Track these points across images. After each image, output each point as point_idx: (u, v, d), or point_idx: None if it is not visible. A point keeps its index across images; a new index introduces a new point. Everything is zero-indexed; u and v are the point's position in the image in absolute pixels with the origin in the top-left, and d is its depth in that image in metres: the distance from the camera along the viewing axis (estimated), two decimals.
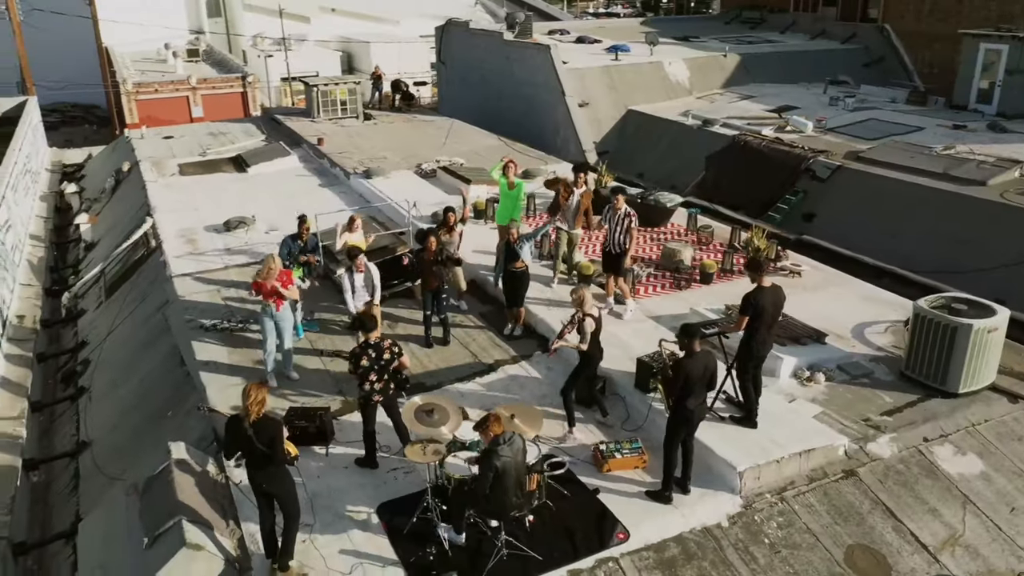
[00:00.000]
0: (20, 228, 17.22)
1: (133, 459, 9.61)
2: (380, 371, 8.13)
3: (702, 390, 7.59)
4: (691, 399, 7.50)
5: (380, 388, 8.17)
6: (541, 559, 7.07)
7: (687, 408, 7.52)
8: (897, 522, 7.83)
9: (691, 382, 7.43)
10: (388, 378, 8.21)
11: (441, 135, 23.77)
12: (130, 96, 41.17)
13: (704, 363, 7.54)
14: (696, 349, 7.50)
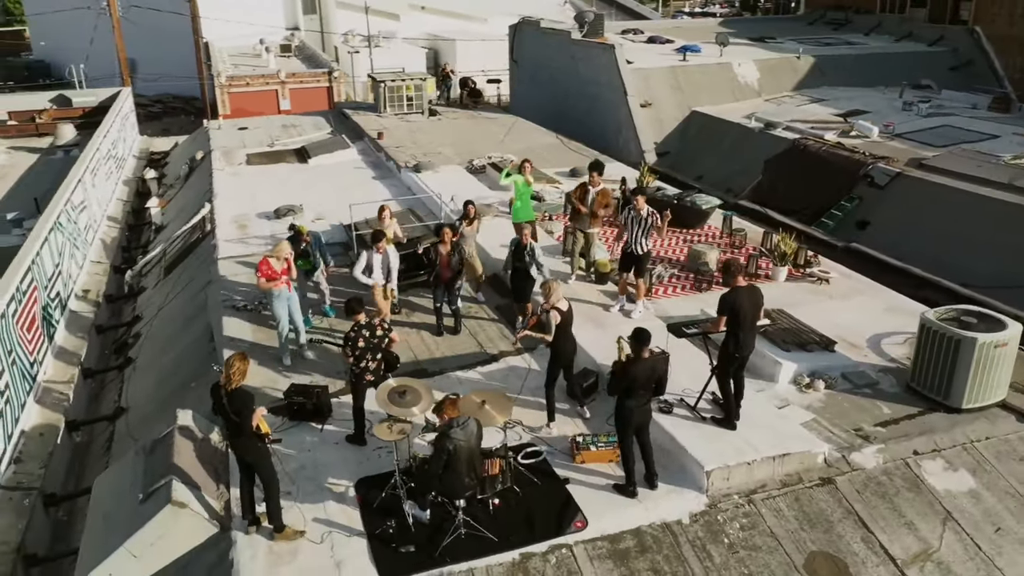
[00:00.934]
0: (96, 209, 18.55)
1: (156, 425, 10.36)
2: (374, 350, 8.57)
3: (646, 393, 7.69)
4: (632, 400, 7.62)
5: (373, 368, 8.61)
6: (496, 540, 7.35)
7: (626, 408, 7.65)
8: (868, 533, 7.72)
9: (635, 385, 7.56)
10: (380, 357, 8.64)
11: (501, 132, 24.17)
12: (223, 89, 43.31)
13: (651, 368, 7.64)
14: (644, 355, 7.60)
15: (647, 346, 7.67)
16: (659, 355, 7.89)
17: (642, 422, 7.82)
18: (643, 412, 7.77)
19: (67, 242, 15.00)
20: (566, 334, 8.82)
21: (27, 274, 12.03)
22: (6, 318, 10.70)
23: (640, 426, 7.84)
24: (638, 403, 7.67)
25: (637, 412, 7.70)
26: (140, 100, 60.08)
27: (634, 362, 7.66)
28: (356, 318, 8.65)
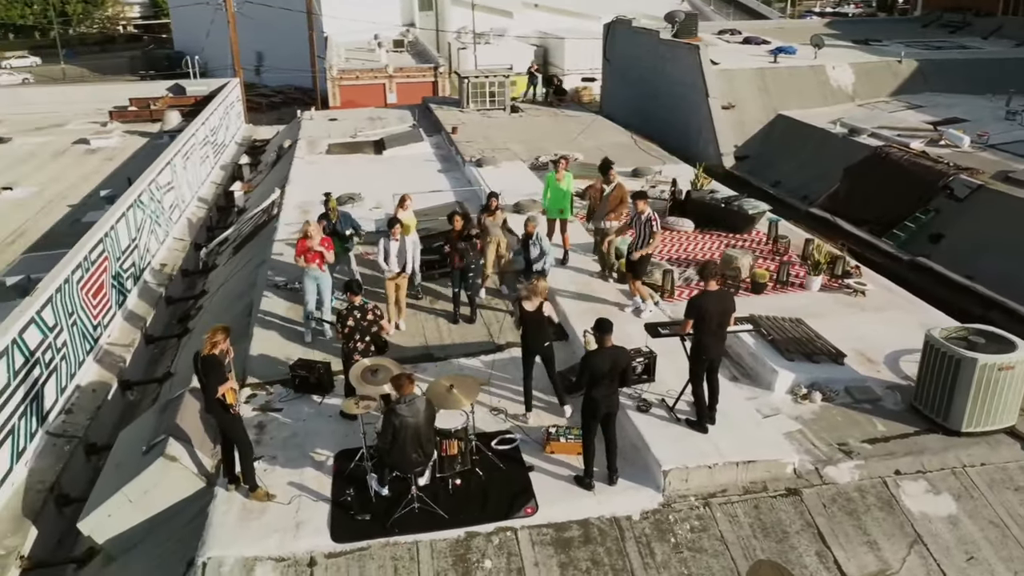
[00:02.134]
0: (186, 190, 20.07)
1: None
2: (363, 331, 9.10)
3: (610, 384, 7.79)
4: (596, 390, 7.76)
5: (362, 349, 9.14)
6: (447, 517, 7.70)
7: (593, 398, 7.79)
8: (824, 548, 7.59)
9: (597, 375, 7.70)
10: (370, 339, 9.16)
11: (576, 130, 24.35)
12: (335, 81, 45.34)
13: (612, 359, 7.75)
14: (606, 344, 7.74)
15: (609, 335, 7.82)
16: (621, 347, 7.99)
17: (608, 413, 7.95)
18: (609, 403, 7.90)
19: (147, 219, 16.37)
20: (530, 330, 9.04)
21: (98, 246, 13.28)
22: (70, 284, 11.91)
23: (606, 418, 7.97)
24: (602, 393, 7.81)
25: (602, 403, 7.85)
26: (263, 91, 63.68)
27: (596, 352, 7.82)
28: (351, 299, 9.20)
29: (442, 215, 14.80)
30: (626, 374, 7.93)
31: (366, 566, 7.33)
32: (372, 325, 9.08)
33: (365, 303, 9.20)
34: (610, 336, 7.82)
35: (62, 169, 21.65)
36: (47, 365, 10.82)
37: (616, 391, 7.95)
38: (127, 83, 40.45)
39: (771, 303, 12.05)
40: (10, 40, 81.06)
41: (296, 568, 7.30)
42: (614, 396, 7.94)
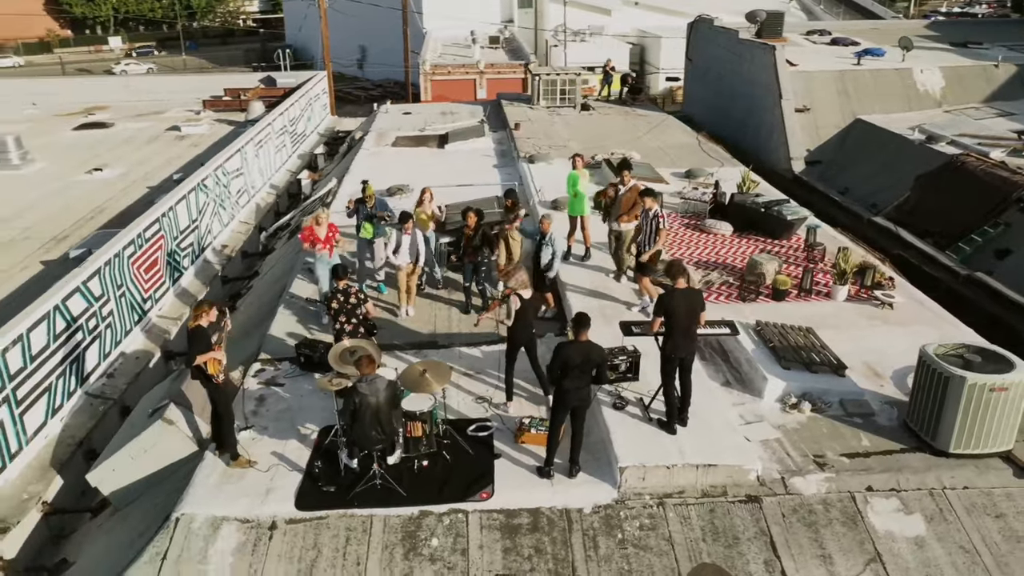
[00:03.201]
0: (256, 177, 21.18)
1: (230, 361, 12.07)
2: (348, 313, 9.57)
3: (580, 376, 7.90)
4: (567, 381, 7.89)
5: (350, 330, 9.61)
6: (405, 495, 8.04)
7: (563, 389, 7.93)
8: (774, 557, 7.50)
9: (567, 366, 7.83)
10: (356, 322, 9.63)
11: (643, 129, 24.21)
12: (427, 76, 46.44)
13: (584, 353, 7.86)
14: (581, 338, 7.87)
15: (585, 330, 7.96)
16: (595, 344, 8.09)
17: (578, 407, 8.09)
18: (579, 396, 8.03)
19: (211, 202, 17.45)
20: (522, 321, 9.23)
21: (154, 225, 14.31)
22: (120, 258, 12.91)
23: (575, 411, 8.12)
24: (572, 385, 7.95)
25: (572, 395, 7.99)
26: (364, 84, 65.72)
27: (569, 343, 7.98)
28: (337, 282, 9.69)
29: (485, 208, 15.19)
30: (600, 371, 8.01)
31: (321, 534, 7.77)
32: (356, 308, 9.52)
33: (349, 287, 9.67)
34: (586, 331, 7.96)
35: (151, 153, 23.24)
36: (90, 331, 11.80)
37: (587, 386, 8.05)
38: (224, 74, 42.78)
39: (789, 310, 11.79)
40: (140, 32, 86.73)
41: (258, 530, 7.81)
42: (585, 390, 8.05)
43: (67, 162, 21.97)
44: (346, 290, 9.59)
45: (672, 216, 16.20)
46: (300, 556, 7.56)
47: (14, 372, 9.84)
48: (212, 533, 7.80)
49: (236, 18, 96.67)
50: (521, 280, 9.41)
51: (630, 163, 13.41)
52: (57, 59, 73.13)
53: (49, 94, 32.18)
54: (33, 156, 22.02)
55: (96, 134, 26.01)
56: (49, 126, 27.29)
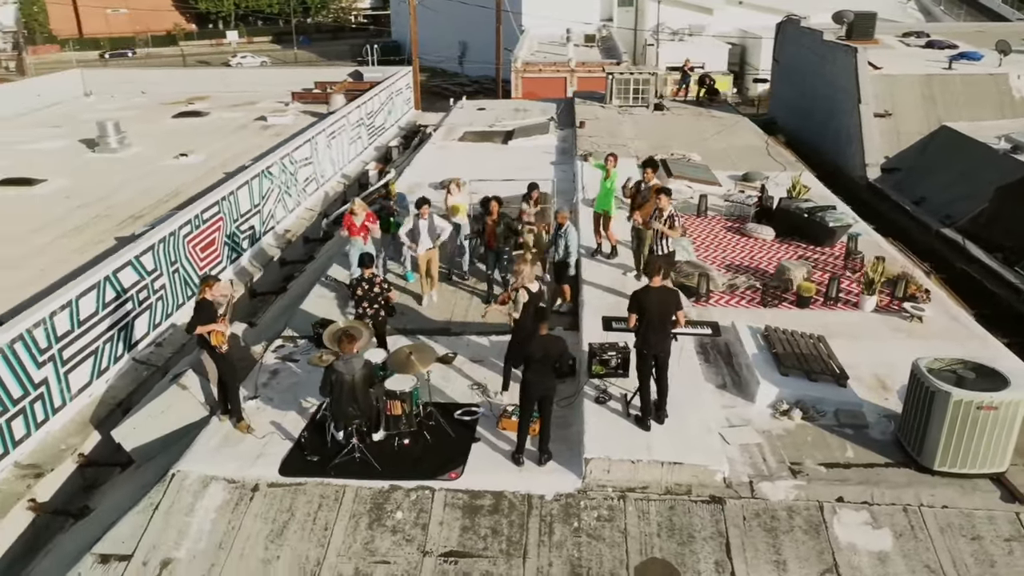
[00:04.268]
0: (327, 166, 22.16)
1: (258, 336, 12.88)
2: (371, 300, 10.10)
3: (542, 368, 8.11)
4: (530, 372, 8.13)
5: (371, 314, 10.15)
6: (380, 469, 8.47)
7: (527, 380, 8.17)
8: (726, 558, 7.50)
9: (529, 360, 8.07)
10: (378, 307, 10.15)
11: (713, 131, 23.88)
12: (518, 73, 46.97)
13: (544, 345, 8.07)
14: (541, 331, 8.08)
15: (544, 322, 8.20)
16: (556, 337, 8.30)
17: (542, 397, 8.32)
18: (542, 387, 8.26)
19: (275, 188, 18.44)
20: (528, 314, 9.49)
21: (212, 207, 15.31)
22: (175, 236, 13.92)
23: (541, 401, 8.35)
24: (535, 377, 8.20)
25: (536, 387, 8.24)
26: (462, 80, 66.96)
27: (530, 336, 8.24)
28: (364, 271, 10.22)
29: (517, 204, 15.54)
30: (561, 362, 8.21)
31: (297, 499, 8.29)
32: (378, 296, 10.03)
33: (374, 276, 10.18)
34: (546, 324, 8.19)
35: (236, 141, 24.60)
36: (140, 303, 12.80)
37: (549, 377, 8.27)
38: (317, 68, 44.53)
39: (810, 318, 11.57)
40: (257, 27, 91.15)
41: (241, 491, 8.41)
42: (547, 381, 8.27)
43: (159, 147, 23.56)
44: (371, 279, 10.13)
45: (715, 219, 16.07)
46: (275, 517, 8.11)
47: (61, 334, 10.84)
48: (202, 490, 8.46)
49: (348, 14, 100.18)
50: (529, 274, 9.67)
51: (656, 162, 13.38)
52: (179, 51, 77.80)
53: (159, 84, 34.47)
54: (130, 141, 23.73)
55: (192, 122, 27.73)
56: (153, 114, 29.26)
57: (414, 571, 7.50)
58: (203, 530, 8.02)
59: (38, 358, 10.41)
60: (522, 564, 7.53)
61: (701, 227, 15.56)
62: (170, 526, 8.08)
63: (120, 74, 38.78)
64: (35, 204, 18.46)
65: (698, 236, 15.04)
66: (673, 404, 9.08)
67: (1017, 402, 7.93)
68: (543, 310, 8.21)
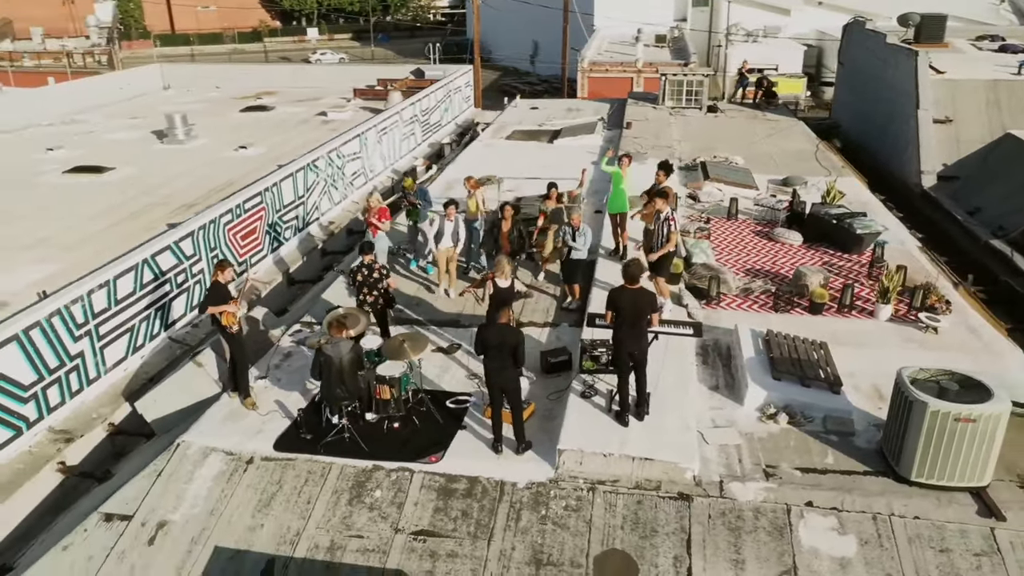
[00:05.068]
0: (377, 161, 22.84)
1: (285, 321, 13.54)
2: (370, 287, 10.57)
3: (499, 356, 8.39)
4: (488, 361, 8.46)
5: (371, 301, 10.61)
6: (366, 449, 8.90)
7: (485, 368, 8.53)
8: (685, 554, 7.63)
9: (485, 346, 8.43)
10: (378, 294, 10.61)
11: (763, 135, 23.58)
12: (584, 73, 47.06)
13: (500, 334, 8.36)
14: (499, 320, 8.39)
15: (503, 311, 8.52)
16: (513, 327, 8.56)
17: (503, 387, 8.60)
18: (501, 376, 8.52)
19: (321, 181, 19.18)
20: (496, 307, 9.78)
21: (255, 198, 16.08)
22: (216, 223, 14.71)
23: (503, 390, 8.64)
24: (493, 366, 8.51)
25: (494, 375, 8.55)
26: (531, 79, 67.26)
27: (486, 325, 8.57)
28: (363, 258, 10.68)
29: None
30: (516, 352, 8.44)
31: (286, 473, 8.80)
32: (378, 282, 10.50)
33: (373, 263, 10.64)
34: (504, 312, 8.48)
35: (296, 135, 25.57)
36: (178, 285, 13.60)
37: (508, 367, 8.49)
38: (382, 65, 45.55)
39: (820, 324, 11.48)
40: (339, 25, 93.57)
41: (237, 463, 8.98)
42: (506, 371, 8.51)
43: (223, 140, 24.71)
44: (370, 265, 10.61)
45: (745, 222, 15.97)
46: (264, 489, 8.63)
47: (98, 311, 11.67)
48: (202, 460, 9.06)
49: (427, 13, 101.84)
50: (505, 270, 9.97)
51: (669, 165, 13.43)
52: (262, 47, 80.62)
53: (232, 79, 36.01)
54: (196, 133, 24.96)
55: (257, 116, 28.92)
56: (223, 107, 30.63)
57: (385, 546, 7.90)
58: (199, 497, 8.61)
59: (75, 332, 11.24)
60: (487, 546, 7.83)
61: (729, 230, 15.51)
62: (169, 491, 8.70)
63: (198, 69, 40.65)
64: (101, 191, 19.68)
65: (725, 239, 15.01)
66: (658, 402, 9.24)
67: (997, 416, 7.79)
68: (504, 300, 8.49)
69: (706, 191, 17.06)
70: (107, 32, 58.72)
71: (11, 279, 14.01)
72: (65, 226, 17.02)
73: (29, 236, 16.44)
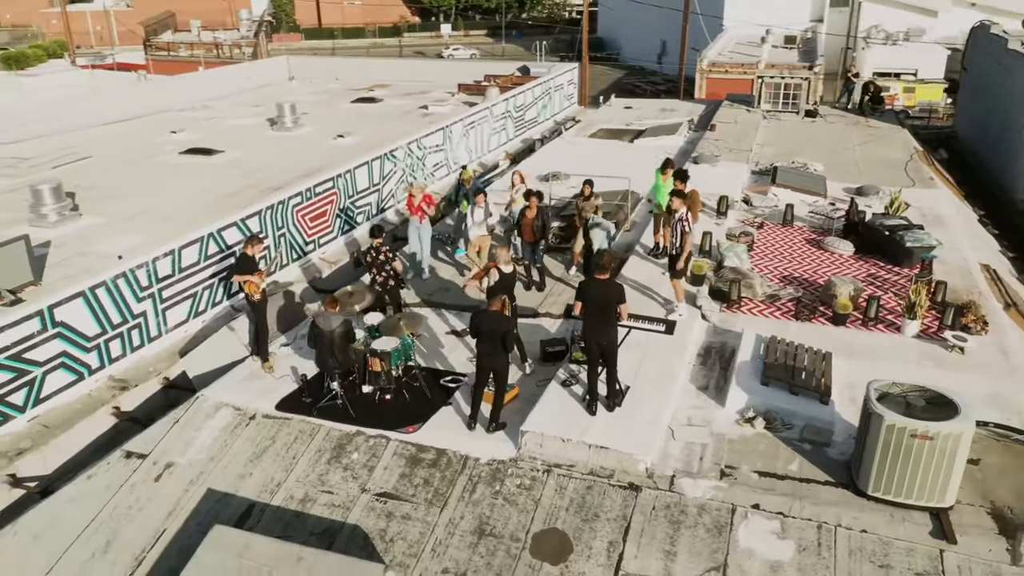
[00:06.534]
0: (462, 153, 23.69)
1: None
2: (379, 267, 11.33)
3: (489, 342, 8.83)
4: (479, 345, 8.91)
5: (380, 281, 11.38)
6: (353, 416, 9.64)
7: (477, 350, 8.97)
8: (620, 540, 7.87)
9: (478, 332, 8.86)
10: (386, 275, 11.36)
11: (856, 142, 22.68)
12: (703, 73, 46.34)
13: (492, 321, 8.79)
14: (492, 307, 8.82)
15: (495, 300, 8.98)
16: (504, 315, 9.00)
17: (491, 369, 9.10)
18: (489, 360, 9.04)
19: (399, 170, 20.21)
20: (497, 293, 10.23)
21: (326, 183, 17.25)
22: (284, 204, 15.94)
23: (491, 373, 9.13)
24: (484, 350, 9.02)
25: (484, 358, 9.06)
26: (655, 79, 66.64)
27: (480, 312, 9.04)
28: (373, 240, 11.46)
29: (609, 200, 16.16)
30: (506, 339, 8.91)
31: (280, 431, 9.68)
32: (384, 264, 11.23)
33: (381, 245, 11.39)
34: (496, 301, 8.94)
35: (395, 126, 26.80)
36: None
37: (498, 352, 8.99)
38: (488, 62, 46.48)
39: (837, 335, 11.31)
40: (475, 21, 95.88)
41: (241, 417, 9.95)
42: (495, 356, 9.00)
43: (327, 129, 26.31)
44: (378, 248, 11.37)
45: (801, 229, 15.62)
46: (259, 443, 9.54)
47: (162, 276, 13.04)
48: (213, 412, 10.10)
49: (562, 10, 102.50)
50: (505, 257, 10.42)
51: (685, 172, 13.40)
52: (398, 42, 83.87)
53: (353, 71, 38.01)
54: (303, 122, 26.71)
55: (365, 107, 30.49)
56: (337, 98, 32.47)
57: (350, 504, 8.60)
58: (204, 444, 9.63)
59: (138, 294, 12.64)
60: (439, 513, 8.37)
61: (780, 236, 15.24)
62: (181, 437, 9.78)
63: (322, 62, 43.03)
64: (206, 171, 21.54)
65: (772, 245, 14.78)
66: (636, 396, 9.49)
67: (956, 435, 7.55)
68: (495, 288, 8.94)
69: (759, 196, 16.76)
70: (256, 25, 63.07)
71: (110, 244, 15.74)
72: (167, 200, 18.82)
73: (136, 207, 18.32)
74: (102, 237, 15.99)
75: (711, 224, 15.35)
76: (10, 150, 23.11)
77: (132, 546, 8.37)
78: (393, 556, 7.92)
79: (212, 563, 7.44)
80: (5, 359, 10.64)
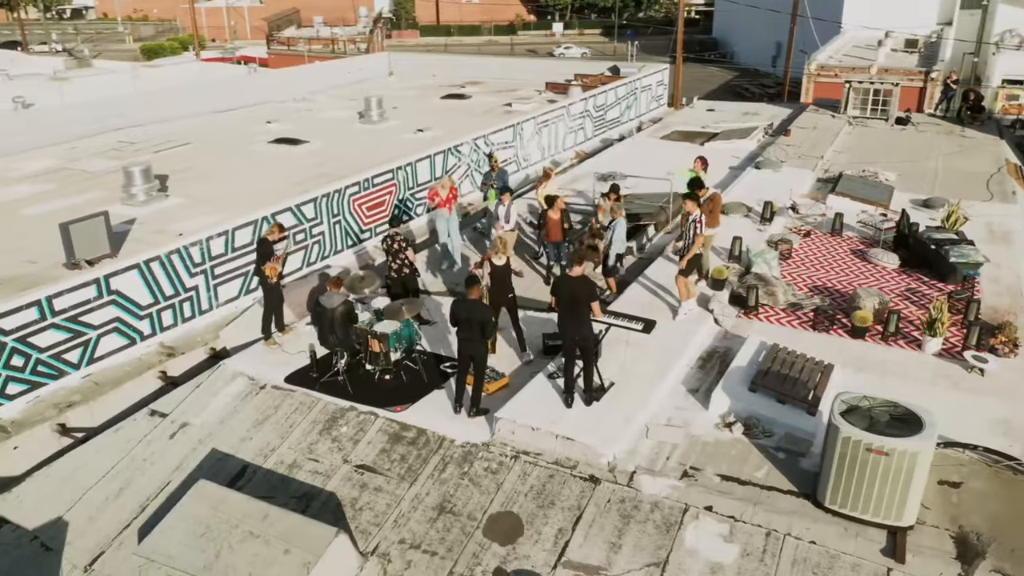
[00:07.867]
0: (533, 151, 24.04)
1: None
2: (394, 255, 11.94)
3: (468, 330, 9.20)
4: (459, 332, 9.31)
5: (396, 268, 11.98)
6: (351, 392, 10.24)
7: (458, 339, 9.35)
8: (569, 529, 8.08)
9: (456, 319, 9.26)
10: (400, 263, 11.95)
11: (941, 152, 21.58)
12: (810, 77, 44.82)
13: (469, 310, 9.16)
14: (470, 296, 9.19)
15: (474, 288, 9.39)
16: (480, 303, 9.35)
17: (472, 356, 9.48)
18: (470, 347, 9.42)
19: (462, 165, 20.82)
20: (497, 284, 10.57)
21: (385, 174, 18.05)
22: (341, 193, 16.81)
23: (471, 360, 9.52)
24: (463, 337, 9.42)
25: (464, 345, 9.46)
26: (766, 81, 64.77)
27: (459, 300, 9.46)
28: (390, 229, 12.06)
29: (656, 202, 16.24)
30: (484, 326, 9.25)
31: (283, 402, 10.40)
32: (399, 252, 11.80)
33: (396, 234, 11.95)
34: (475, 289, 9.32)
35: (476, 122, 27.53)
36: (296, 242, 15.84)
37: (478, 339, 9.35)
38: (578, 61, 46.38)
39: (850, 348, 11.08)
40: (590, 20, 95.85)
41: (253, 386, 10.75)
42: (475, 343, 9.36)
43: (410, 123, 27.29)
44: (393, 236, 11.95)
45: (850, 239, 15.16)
46: (263, 410, 10.30)
47: (215, 255, 14.10)
48: (230, 380, 10.95)
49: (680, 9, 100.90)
50: (497, 248, 10.76)
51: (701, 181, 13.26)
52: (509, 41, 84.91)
53: (450, 68, 39.07)
54: (388, 115, 27.80)
55: (451, 103, 31.34)
56: (429, 93, 33.51)
57: (330, 471, 9.20)
58: (216, 408, 10.48)
59: (191, 269, 13.73)
60: (408, 488, 8.84)
61: (824, 245, 14.85)
62: (199, 401, 10.67)
63: (423, 58, 44.35)
64: (289, 159, 22.84)
65: (814, 254, 14.44)
66: (618, 393, 9.66)
67: (913, 453, 7.35)
68: (474, 276, 9.32)
69: (807, 203, 16.32)
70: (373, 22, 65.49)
71: (188, 222, 17.08)
72: (248, 184, 20.14)
73: (219, 190, 19.71)
74: (182, 217, 17.34)
75: (753, 230, 15.12)
76: (121, 135, 25.22)
77: (140, 494, 9.26)
78: (358, 524, 8.45)
79: (190, 512, 8.20)
80: (63, 320, 11.86)
